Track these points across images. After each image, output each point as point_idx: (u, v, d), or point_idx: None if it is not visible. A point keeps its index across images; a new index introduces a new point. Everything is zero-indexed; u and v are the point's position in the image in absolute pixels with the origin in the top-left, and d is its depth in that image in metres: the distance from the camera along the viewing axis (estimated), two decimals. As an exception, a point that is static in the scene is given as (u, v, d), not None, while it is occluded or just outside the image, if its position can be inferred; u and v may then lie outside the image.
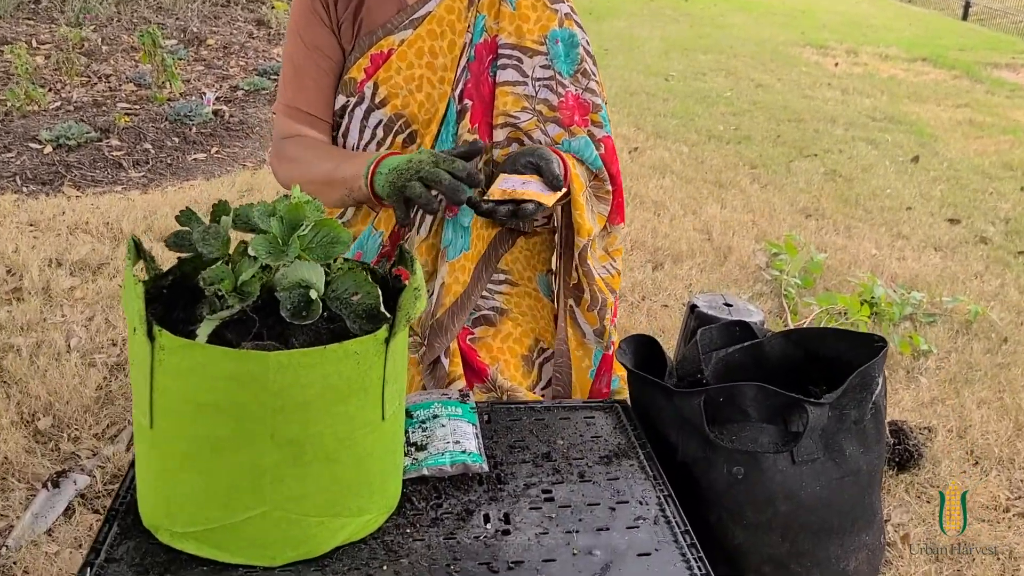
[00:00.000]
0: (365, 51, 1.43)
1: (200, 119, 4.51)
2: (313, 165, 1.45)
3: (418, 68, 1.43)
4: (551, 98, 1.45)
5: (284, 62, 1.50)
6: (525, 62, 1.45)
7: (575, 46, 1.48)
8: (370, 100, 1.44)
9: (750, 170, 4.48)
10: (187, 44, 6.18)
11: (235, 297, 0.93)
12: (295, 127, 1.49)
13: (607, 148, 1.51)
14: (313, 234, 0.99)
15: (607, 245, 1.57)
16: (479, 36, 1.44)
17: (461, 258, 1.45)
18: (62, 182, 3.74)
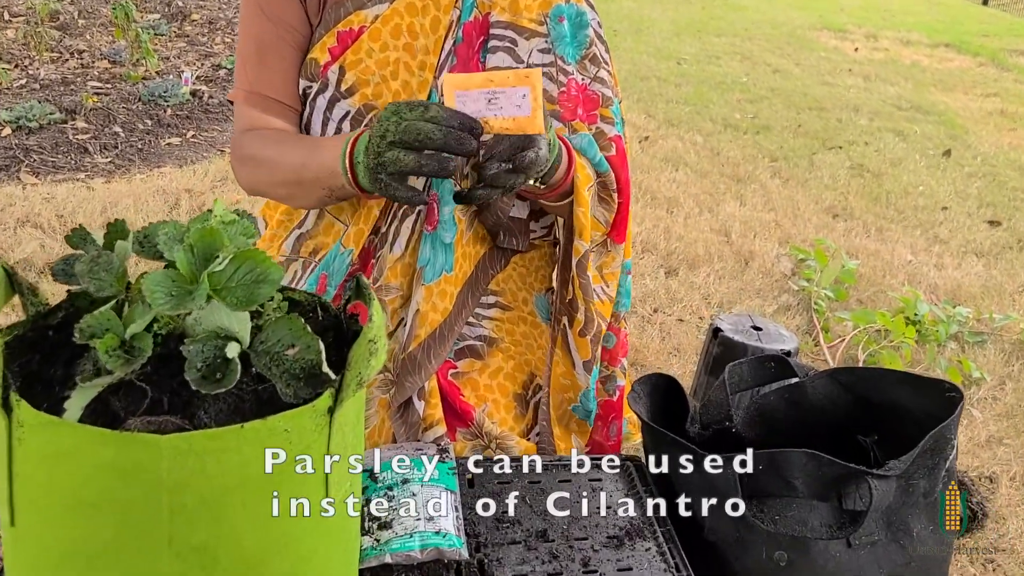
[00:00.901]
0: (331, 27, 1.20)
1: (176, 100, 4.18)
2: (277, 164, 1.20)
3: (394, 51, 1.19)
4: (550, 88, 1.22)
5: (241, 39, 1.25)
6: (520, 45, 1.22)
7: (584, 27, 1.25)
8: (335, 87, 1.19)
9: (770, 163, 4.15)
10: (170, 19, 5.84)
11: (119, 358, 0.69)
12: (258, 117, 1.25)
13: (617, 149, 1.27)
14: (232, 269, 0.74)
15: (602, 265, 1.33)
16: (468, 13, 1.21)
17: (441, 281, 1.22)
18: (19, 168, 3.41)
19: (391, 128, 0.99)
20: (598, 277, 1.32)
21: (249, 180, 1.26)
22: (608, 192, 1.28)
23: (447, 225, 1.19)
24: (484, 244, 1.28)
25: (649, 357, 2.38)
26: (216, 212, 0.86)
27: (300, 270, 1.31)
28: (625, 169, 1.29)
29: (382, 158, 1.00)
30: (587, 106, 1.25)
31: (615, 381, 1.32)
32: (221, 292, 0.72)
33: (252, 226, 0.84)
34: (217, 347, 0.70)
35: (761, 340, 2.06)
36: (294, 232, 1.32)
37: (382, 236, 1.25)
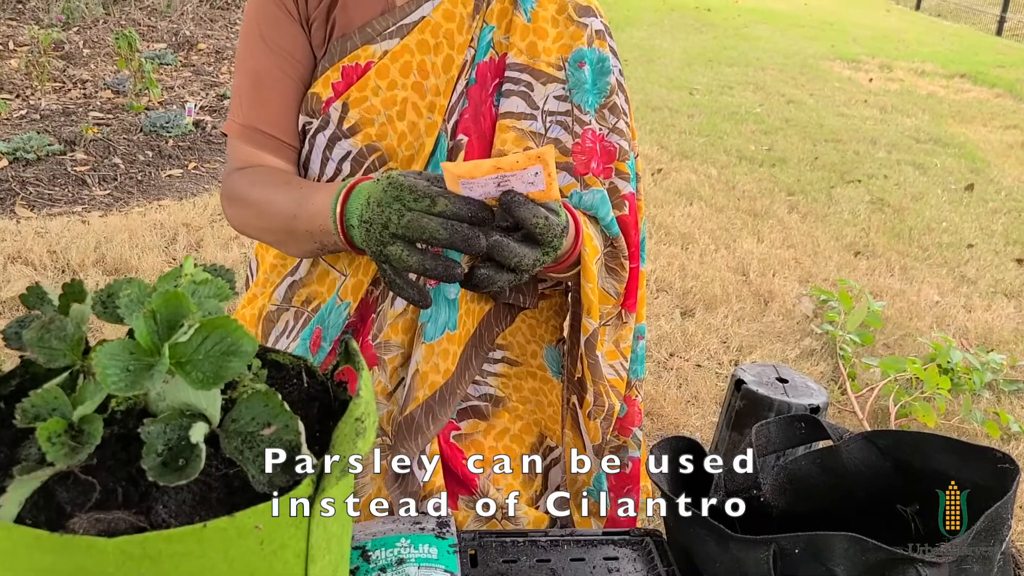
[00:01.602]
0: (335, 61, 1.10)
1: (179, 130, 4.09)
2: (266, 210, 1.09)
3: (402, 89, 1.10)
4: (565, 138, 1.12)
5: (239, 69, 1.15)
6: (536, 89, 1.12)
7: (606, 74, 1.15)
8: (336, 125, 1.09)
9: (787, 197, 4.03)
10: (177, 48, 5.78)
11: (63, 446, 0.58)
12: (252, 154, 1.14)
13: (630, 208, 1.17)
14: (199, 340, 0.64)
15: (618, 339, 1.22)
16: (484, 53, 1.12)
17: (443, 339, 1.12)
18: (14, 201, 3.32)
19: (393, 219, 0.89)
20: (615, 352, 1.21)
21: (238, 222, 1.15)
22: (618, 260, 1.17)
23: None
24: (489, 300, 1.17)
25: (666, 407, 2.25)
26: (186, 270, 0.75)
27: (292, 320, 1.19)
28: (637, 231, 1.18)
29: (385, 250, 0.89)
30: (603, 159, 1.14)
31: (628, 452, 1.21)
32: (185, 366, 0.63)
33: (226, 286, 0.73)
34: (181, 428, 0.61)
35: (787, 394, 1.92)
36: (287, 279, 1.21)
37: (383, 290, 1.14)
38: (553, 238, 0.92)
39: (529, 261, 0.91)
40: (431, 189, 0.88)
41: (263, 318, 1.21)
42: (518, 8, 1.13)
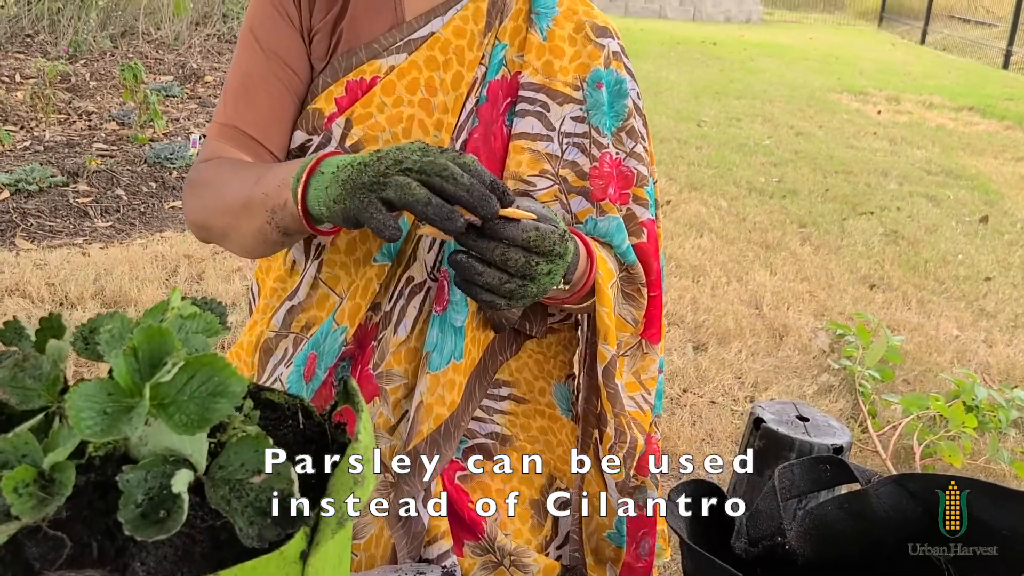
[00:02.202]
0: (340, 76, 1.06)
1: (183, 162, 4.05)
2: (227, 187, 1.01)
3: (408, 106, 1.06)
4: (582, 161, 1.08)
5: (230, 73, 1.10)
6: (552, 110, 1.08)
7: (622, 96, 1.11)
8: (338, 142, 1.05)
9: (799, 229, 3.97)
10: (183, 81, 5.78)
11: (30, 498, 0.53)
12: (226, 151, 1.07)
13: (649, 235, 1.12)
14: (184, 379, 0.59)
15: (639, 369, 1.16)
16: (495, 71, 1.09)
17: (449, 369, 1.05)
18: (14, 233, 3.27)
19: (412, 158, 0.83)
20: (636, 384, 1.15)
21: (194, 211, 1.07)
22: (635, 286, 1.11)
23: (458, 306, 1.03)
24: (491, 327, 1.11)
25: (680, 445, 2.17)
26: (173, 303, 0.68)
27: (291, 348, 1.13)
28: (657, 258, 1.12)
29: (386, 179, 0.82)
30: (620, 184, 1.09)
31: (646, 492, 1.13)
32: (168, 408, 0.58)
33: (215, 320, 0.66)
34: (163, 475, 0.56)
35: (809, 433, 1.84)
36: (285, 304, 1.14)
37: (385, 316, 1.08)
38: (553, 244, 0.88)
39: (542, 269, 0.88)
40: (459, 151, 0.86)
41: (260, 347, 1.15)
42: (533, 26, 1.09)
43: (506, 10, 1.09)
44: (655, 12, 13.90)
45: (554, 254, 0.88)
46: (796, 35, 12.66)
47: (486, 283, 0.88)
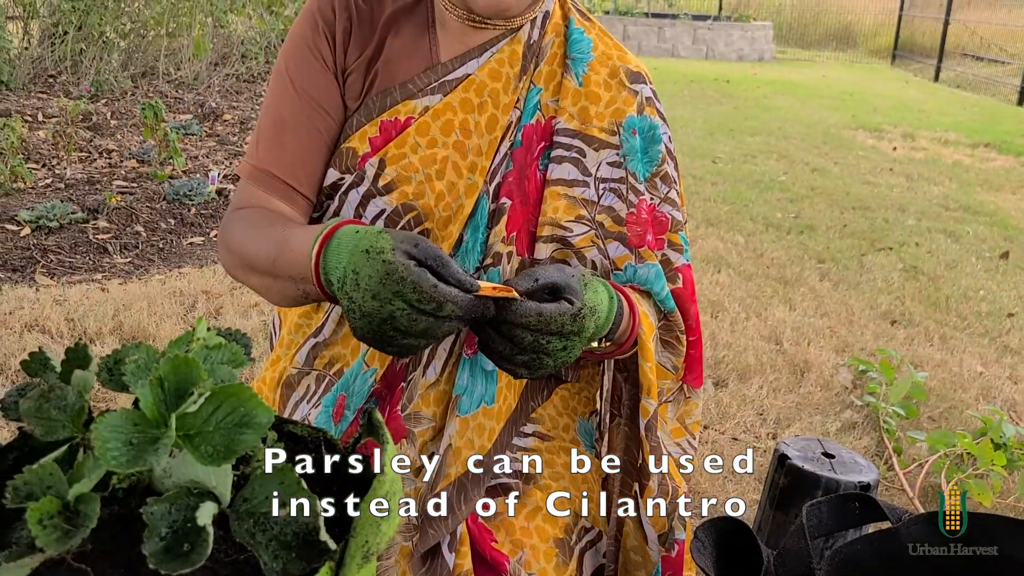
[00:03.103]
0: (374, 116, 1.07)
1: (201, 199, 4.09)
2: (256, 251, 1.02)
3: (442, 148, 1.06)
4: (619, 206, 1.08)
5: (263, 112, 1.10)
6: (588, 155, 1.08)
7: (656, 142, 1.11)
8: (371, 182, 1.05)
9: (817, 265, 3.94)
10: (203, 119, 5.85)
11: (55, 530, 0.52)
12: (260, 198, 1.08)
13: (684, 280, 1.12)
14: (210, 410, 0.58)
15: (683, 414, 1.15)
16: (530, 115, 1.09)
17: (479, 413, 1.05)
18: (34, 269, 3.29)
19: (400, 319, 0.81)
20: (681, 430, 1.15)
21: (228, 266, 1.09)
22: (673, 334, 1.11)
23: None
24: None
25: (703, 483, 2.13)
26: (199, 334, 0.67)
27: (314, 385, 1.11)
28: (694, 302, 1.12)
29: (388, 345, 0.85)
30: (656, 230, 1.09)
31: (674, 534, 1.12)
32: (194, 439, 0.57)
33: (240, 351, 0.65)
34: (188, 508, 0.56)
35: (835, 470, 1.81)
36: (309, 340, 1.14)
37: (414, 357, 1.07)
38: (561, 326, 0.87)
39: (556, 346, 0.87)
40: (436, 292, 0.80)
41: (282, 383, 1.13)
42: (568, 72, 1.09)
43: (542, 54, 1.09)
44: (667, 51, 14.01)
45: (565, 333, 0.88)
46: (809, 73, 12.72)
47: (499, 353, 0.88)
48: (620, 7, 15.28)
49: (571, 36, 1.11)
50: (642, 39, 14.01)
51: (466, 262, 1.07)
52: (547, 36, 1.10)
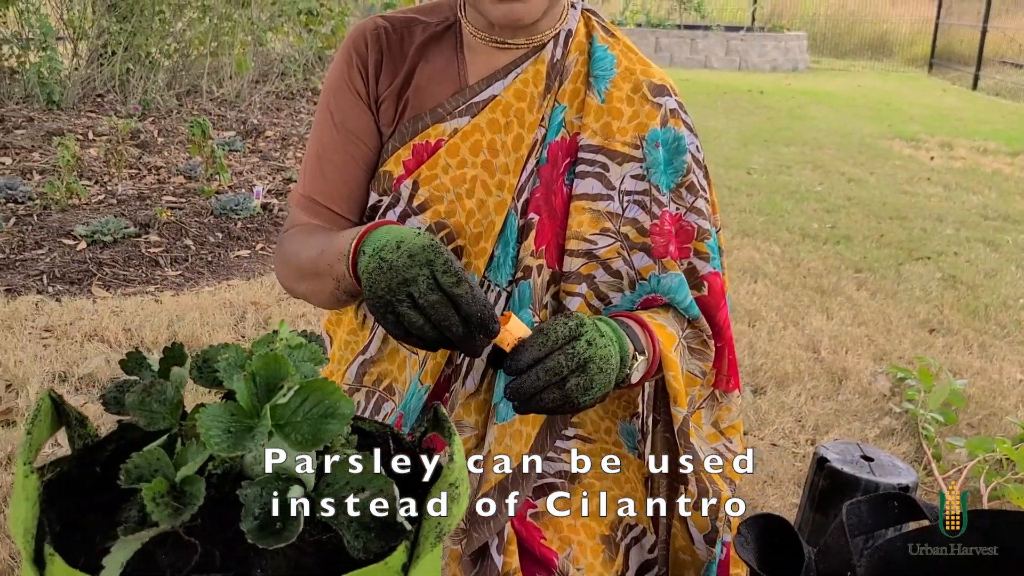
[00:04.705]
0: (407, 140, 1.13)
1: (247, 213, 4.20)
2: (300, 258, 1.11)
3: (471, 168, 1.12)
4: (642, 218, 1.12)
5: (309, 142, 1.20)
6: (612, 170, 1.12)
7: (680, 152, 1.14)
8: (407, 203, 1.12)
9: (855, 274, 3.95)
10: (245, 135, 6.00)
11: (166, 507, 0.59)
12: (303, 220, 1.18)
13: (711, 288, 1.15)
14: (298, 402, 0.65)
15: (717, 419, 1.19)
16: (555, 133, 1.13)
17: (516, 420, 1.10)
18: (91, 281, 3.42)
19: (421, 287, 0.85)
20: (716, 435, 1.18)
21: (281, 276, 1.18)
22: (701, 339, 1.15)
23: None
24: None
25: (743, 487, 2.17)
26: (281, 334, 0.74)
27: (363, 401, 1.18)
28: (721, 309, 1.15)
29: (398, 308, 0.87)
30: (681, 239, 1.13)
31: (720, 536, 1.16)
32: (285, 428, 0.63)
33: (320, 350, 0.72)
34: (278, 491, 0.61)
35: (874, 473, 1.84)
36: (358, 358, 1.20)
37: (456, 368, 1.14)
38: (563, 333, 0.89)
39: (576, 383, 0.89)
40: (461, 271, 0.86)
41: None
42: (591, 89, 1.12)
43: (565, 72, 1.13)
44: (700, 63, 14.01)
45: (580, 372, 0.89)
46: (844, 82, 12.65)
47: (531, 388, 0.89)
48: (652, 19, 15.31)
49: (594, 54, 1.14)
50: (674, 51, 14.01)
51: (498, 276, 1.11)
52: (570, 55, 1.13)
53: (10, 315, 2.97)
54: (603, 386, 0.92)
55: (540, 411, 0.90)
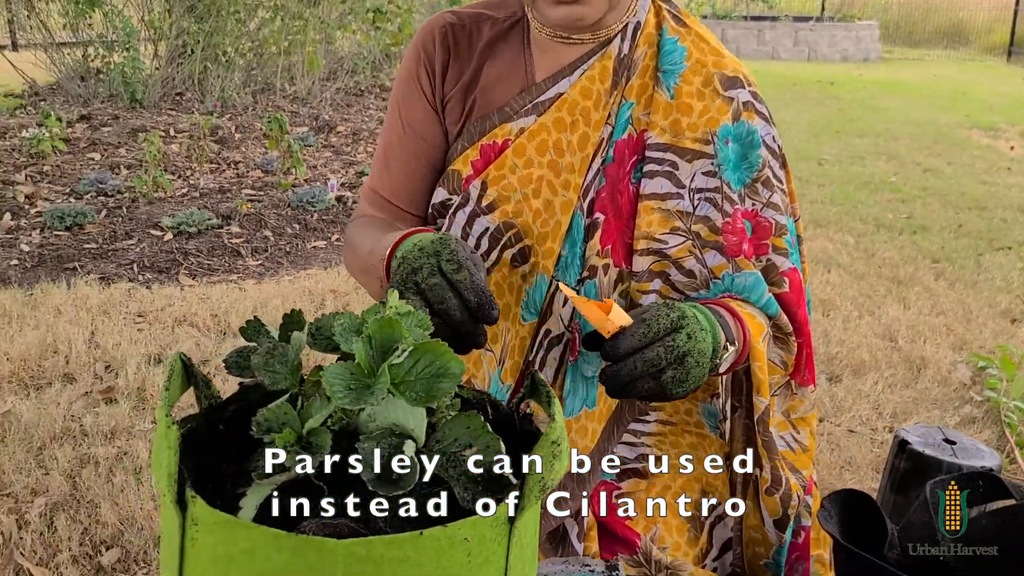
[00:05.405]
0: (475, 140, 1.12)
1: (322, 205, 4.32)
2: (356, 252, 1.12)
3: (538, 168, 1.10)
4: (714, 215, 1.07)
5: (379, 139, 1.22)
6: (681, 168, 1.07)
7: (754, 147, 1.09)
8: (476, 203, 1.10)
9: (932, 264, 3.88)
10: (318, 131, 6.14)
11: (296, 454, 0.64)
12: (368, 212, 1.21)
13: (791, 284, 1.10)
14: (412, 362, 0.69)
15: (789, 409, 1.17)
16: (622, 130, 1.09)
17: (582, 416, 1.11)
18: (178, 270, 3.56)
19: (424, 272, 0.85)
20: (785, 424, 1.16)
21: (346, 263, 1.21)
22: (783, 333, 1.12)
23: (589, 357, 1.07)
24: None
25: (820, 471, 2.17)
26: (391, 303, 0.79)
27: None
28: (801, 306, 1.12)
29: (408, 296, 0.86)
30: (758, 235, 1.09)
31: (800, 521, 1.16)
32: (400, 386, 0.67)
33: (427, 319, 0.77)
34: (393, 445, 0.65)
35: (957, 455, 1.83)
36: None
37: (528, 365, 1.14)
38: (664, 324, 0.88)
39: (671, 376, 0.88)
40: (467, 260, 0.85)
41: None
42: (660, 85, 1.08)
43: (633, 67, 1.09)
44: (767, 54, 13.80)
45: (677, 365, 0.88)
46: (918, 72, 12.33)
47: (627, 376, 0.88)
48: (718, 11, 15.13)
49: (663, 47, 1.09)
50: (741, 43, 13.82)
51: (566, 276, 1.10)
52: (638, 48, 1.09)
53: (106, 301, 3.12)
54: (698, 379, 0.90)
55: (632, 397, 0.90)
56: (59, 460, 2.14)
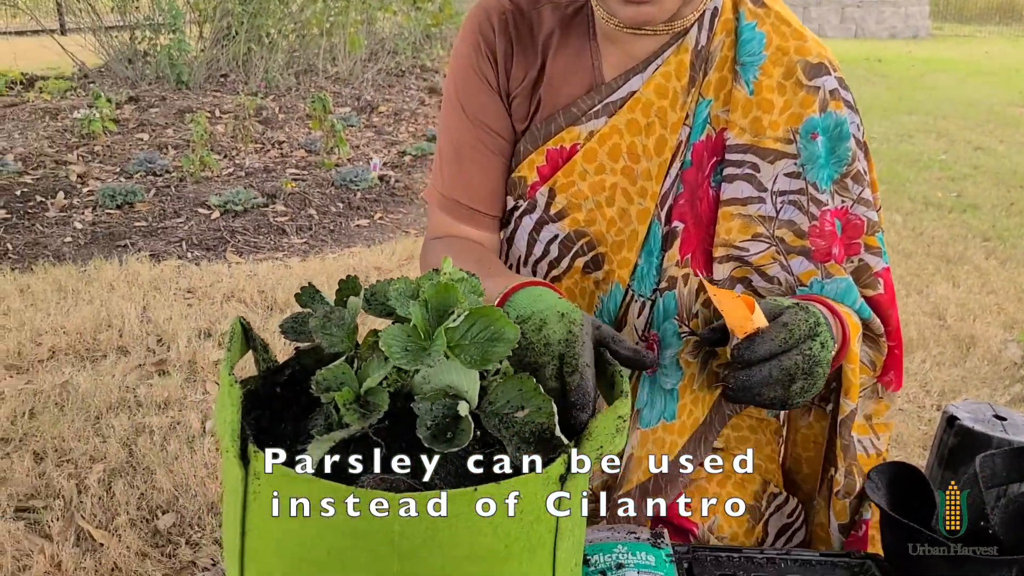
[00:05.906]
0: (539, 144, 1.05)
1: (366, 184, 4.36)
2: None
3: (611, 174, 1.03)
4: (799, 219, 1.00)
5: (440, 137, 1.13)
6: (763, 169, 1.00)
7: (843, 139, 1.00)
8: (543, 210, 1.06)
9: (983, 243, 3.81)
10: (360, 111, 6.18)
11: (355, 411, 0.66)
12: (450, 224, 1.12)
13: (885, 285, 1.04)
14: (467, 327, 0.70)
15: (872, 413, 1.10)
16: (700, 131, 1.01)
17: (660, 428, 1.05)
18: (225, 248, 3.63)
19: (546, 374, 0.78)
20: (866, 428, 1.11)
21: None
22: (875, 334, 1.06)
23: (668, 370, 1.01)
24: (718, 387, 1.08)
25: (866, 449, 2.15)
26: (444, 269, 0.81)
27: None
28: (895, 308, 1.06)
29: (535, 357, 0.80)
30: (849, 234, 1.01)
31: (861, 516, 1.11)
32: (456, 349, 0.68)
33: (479, 284, 0.78)
34: (447, 406, 0.66)
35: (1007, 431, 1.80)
36: None
37: None
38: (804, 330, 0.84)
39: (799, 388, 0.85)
40: (587, 364, 0.78)
41: None
42: (738, 79, 1.00)
43: (711, 60, 1.01)
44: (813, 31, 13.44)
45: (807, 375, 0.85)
46: (969, 49, 12.03)
47: (760, 382, 0.85)
48: (762, -11, 14.85)
49: (741, 35, 1.01)
50: (786, 21, 13.56)
51: (642, 287, 1.05)
52: (716, 37, 1.01)
53: (157, 277, 3.19)
54: (818, 390, 0.87)
55: (752, 403, 0.87)
56: (116, 429, 2.20)
